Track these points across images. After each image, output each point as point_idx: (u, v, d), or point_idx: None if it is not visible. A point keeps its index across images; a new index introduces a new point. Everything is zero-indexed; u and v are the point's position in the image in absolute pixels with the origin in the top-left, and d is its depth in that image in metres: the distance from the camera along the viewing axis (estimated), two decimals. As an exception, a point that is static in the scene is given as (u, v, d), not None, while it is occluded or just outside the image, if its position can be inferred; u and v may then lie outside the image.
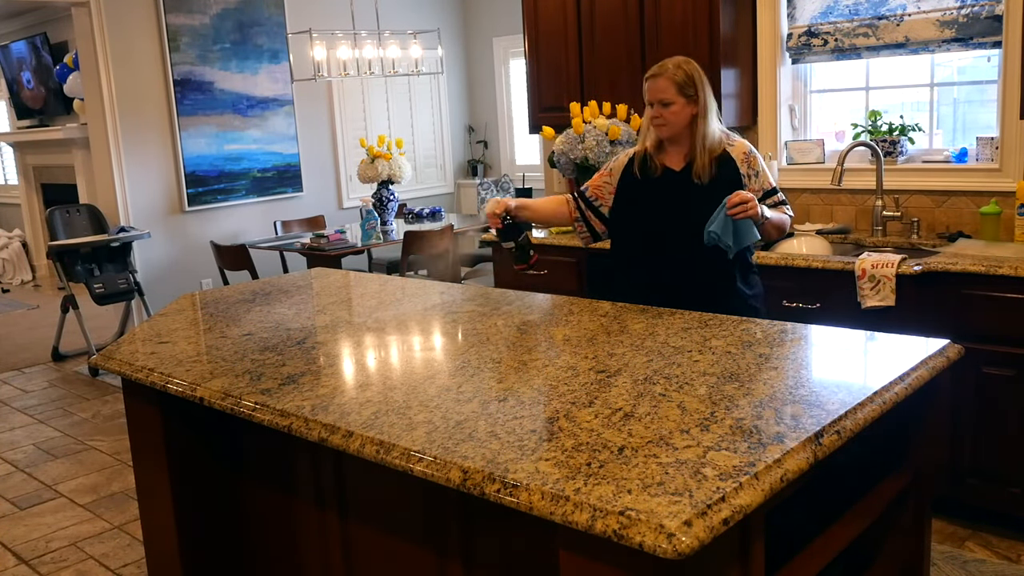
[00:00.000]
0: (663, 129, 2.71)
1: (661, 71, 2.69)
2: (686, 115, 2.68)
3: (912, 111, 3.92)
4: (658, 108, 2.69)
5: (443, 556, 1.99)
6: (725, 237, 2.53)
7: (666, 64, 2.70)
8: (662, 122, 2.70)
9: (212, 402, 2.02)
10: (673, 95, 2.67)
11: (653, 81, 2.70)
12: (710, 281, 2.69)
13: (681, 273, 2.70)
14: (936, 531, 3.06)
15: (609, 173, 2.87)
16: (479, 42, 8.60)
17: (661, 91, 2.67)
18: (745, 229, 2.54)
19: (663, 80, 2.68)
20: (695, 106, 2.68)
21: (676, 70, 2.68)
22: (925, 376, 1.90)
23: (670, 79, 2.67)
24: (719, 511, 1.30)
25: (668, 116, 2.68)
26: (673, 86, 2.67)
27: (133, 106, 6.43)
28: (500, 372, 2.01)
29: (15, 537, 3.57)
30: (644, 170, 2.78)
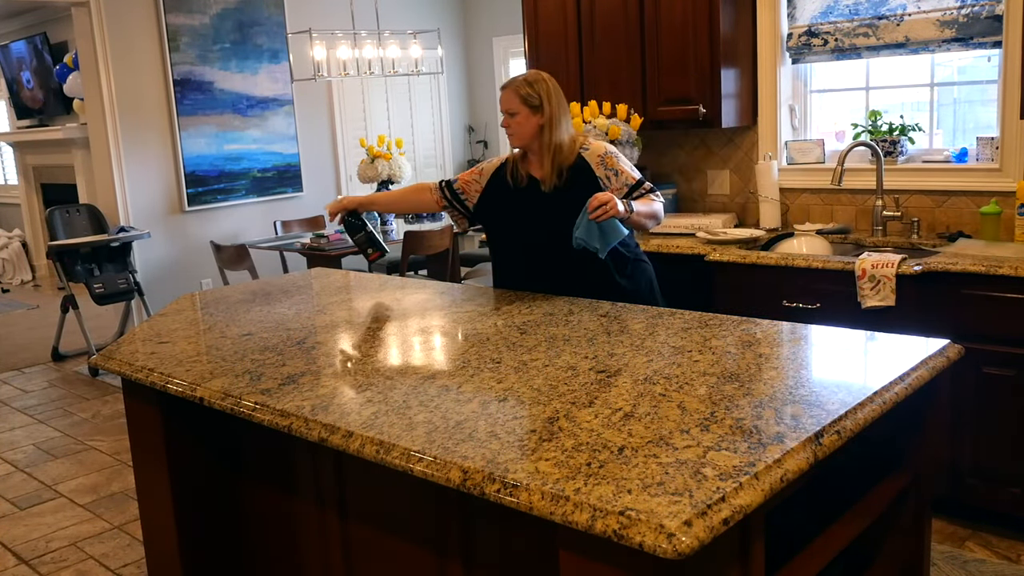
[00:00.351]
0: (512, 138, 2.85)
1: (509, 83, 2.84)
2: (532, 125, 2.79)
3: (912, 111, 3.92)
4: (505, 118, 2.84)
5: (443, 556, 1.99)
6: (592, 240, 2.65)
7: (517, 77, 2.84)
8: (511, 132, 2.84)
9: (212, 402, 2.02)
10: (517, 105, 2.79)
11: (502, 92, 2.85)
12: (585, 280, 2.80)
13: (555, 276, 2.82)
14: (936, 531, 3.06)
15: (480, 172, 3.00)
16: (479, 42, 8.60)
17: (506, 102, 2.82)
18: (610, 229, 2.65)
19: (508, 91, 2.82)
20: (540, 116, 2.79)
21: (522, 83, 2.81)
22: (925, 376, 1.90)
23: (514, 91, 2.80)
24: (719, 511, 1.30)
25: (515, 127, 2.82)
26: (516, 97, 2.79)
27: (133, 106, 6.43)
28: (500, 372, 2.01)
29: (15, 537, 3.57)
30: (514, 177, 2.91)
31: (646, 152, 4.26)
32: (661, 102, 4.02)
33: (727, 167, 4.19)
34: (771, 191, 3.93)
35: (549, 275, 2.83)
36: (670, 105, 3.99)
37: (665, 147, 4.37)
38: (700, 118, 3.88)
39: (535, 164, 2.88)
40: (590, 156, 2.83)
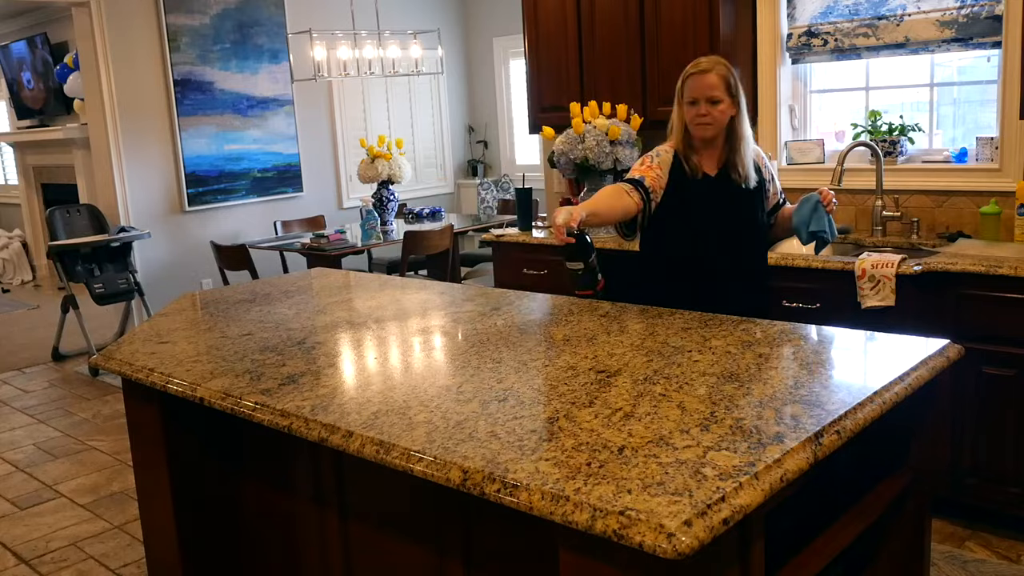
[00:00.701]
0: (708, 129, 2.59)
1: (710, 66, 2.56)
2: (728, 115, 2.59)
3: (912, 111, 3.92)
4: (705, 106, 2.56)
5: (443, 556, 1.99)
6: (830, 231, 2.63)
7: (708, 60, 2.59)
8: (708, 121, 2.57)
9: (212, 402, 2.02)
10: (722, 93, 2.55)
11: (700, 77, 2.55)
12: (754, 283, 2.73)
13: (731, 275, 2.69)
14: (936, 531, 3.06)
15: (659, 167, 2.68)
16: (479, 42, 8.60)
17: (711, 87, 2.54)
18: (832, 222, 2.66)
19: (712, 76, 2.54)
20: (736, 107, 2.60)
21: (723, 67, 2.57)
22: (925, 376, 1.90)
23: (720, 76, 2.55)
24: (719, 511, 1.30)
25: (716, 115, 2.57)
26: (723, 83, 2.55)
27: (133, 106, 6.43)
28: (500, 372, 2.01)
29: (15, 537, 3.57)
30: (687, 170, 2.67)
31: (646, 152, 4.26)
32: (661, 102, 4.01)
33: (727, 167, 4.19)
34: (771, 191, 3.93)
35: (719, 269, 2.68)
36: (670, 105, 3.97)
37: (665, 147, 4.36)
38: (700, 118, 3.87)
39: (706, 158, 2.67)
40: (756, 157, 2.71)
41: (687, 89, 2.59)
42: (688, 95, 2.59)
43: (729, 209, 2.67)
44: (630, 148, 3.89)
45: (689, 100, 2.59)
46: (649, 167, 2.68)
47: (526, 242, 4.18)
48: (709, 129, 2.59)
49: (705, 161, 2.67)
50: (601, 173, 3.96)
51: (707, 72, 2.55)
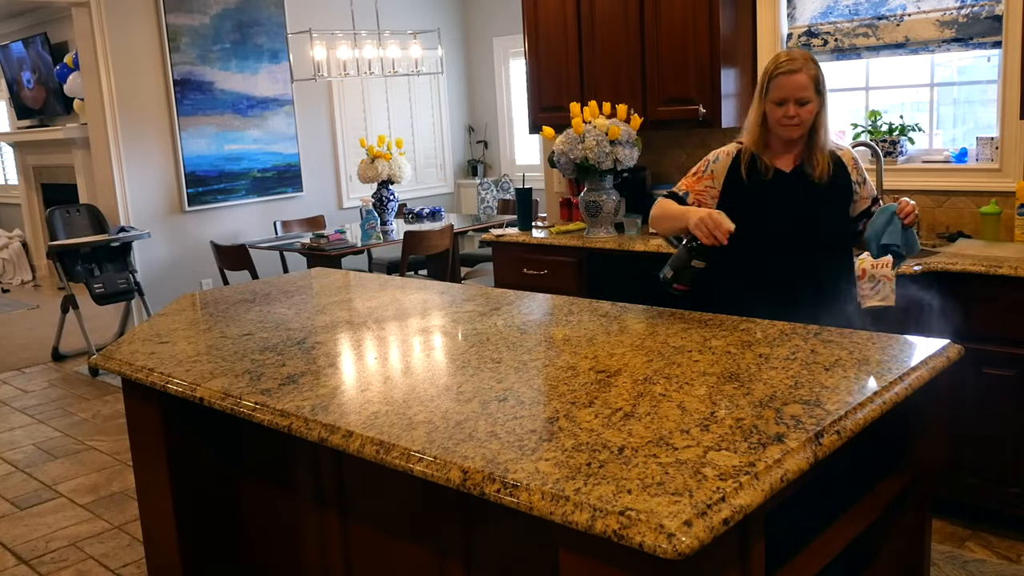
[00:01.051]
0: (796, 130, 2.46)
1: (800, 65, 2.42)
2: (814, 113, 2.46)
3: (912, 111, 3.92)
4: (794, 107, 2.43)
5: (443, 556, 1.99)
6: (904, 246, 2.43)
7: (796, 58, 2.44)
8: (797, 122, 2.44)
9: (212, 402, 2.02)
10: (812, 93, 2.43)
11: (789, 77, 2.42)
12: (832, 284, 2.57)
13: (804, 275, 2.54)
14: (936, 531, 3.06)
15: (711, 176, 2.60)
16: (479, 42, 8.60)
17: (801, 88, 2.41)
18: (913, 236, 2.46)
19: (803, 76, 2.41)
20: (821, 102, 2.47)
21: (812, 64, 2.44)
22: (925, 376, 1.90)
23: (809, 75, 2.42)
24: (719, 511, 1.30)
25: (804, 116, 2.44)
26: (812, 83, 2.42)
27: (133, 106, 6.43)
28: (500, 372, 2.01)
29: (15, 537, 3.57)
30: (752, 172, 2.54)
31: (646, 152, 4.26)
32: (661, 102, 4.02)
33: (727, 167, 4.19)
34: (771, 191, 3.93)
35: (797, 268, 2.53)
36: (670, 105, 3.99)
37: (665, 147, 4.37)
38: (700, 118, 3.88)
39: (783, 156, 2.54)
40: (845, 156, 2.57)
41: (774, 88, 2.45)
42: (775, 94, 2.45)
43: (804, 205, 2.52)
44: (630, 148, 3.89)
45: (776, 100, 2.45)
46: (699, 178, 2.62)
47: (526, 242, 4.18)
48: (796, 130, 2.47)
49: (781, 158, 2.56)
50: (601, 173, 3.96)
51: (797, 72, 2.41)
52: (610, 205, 4.02)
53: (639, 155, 3.97)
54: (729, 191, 2.57)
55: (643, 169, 4.34)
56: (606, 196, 4.01)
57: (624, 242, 3.87)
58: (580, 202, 4.08)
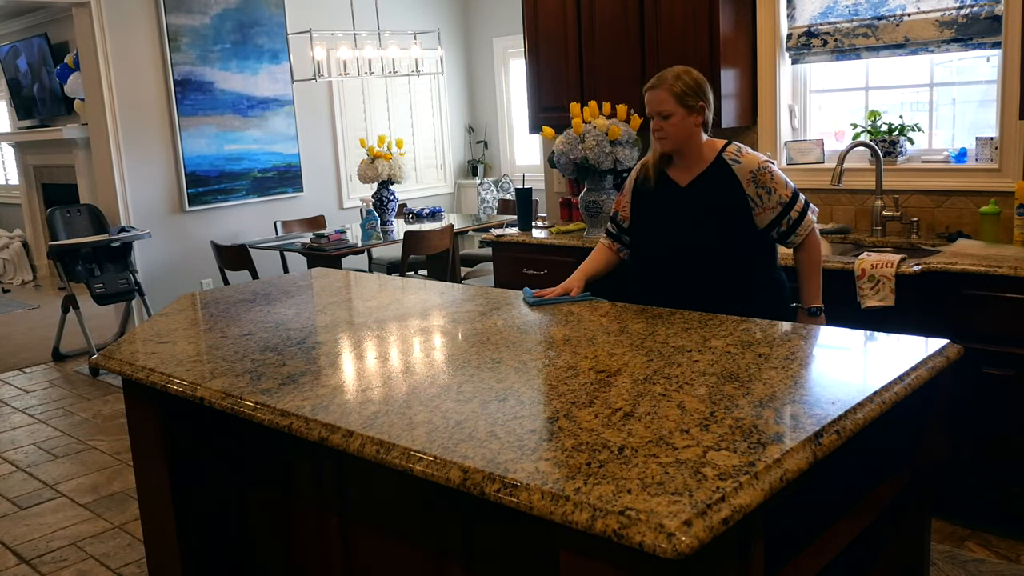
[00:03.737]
0: (664, 143, 2.66)
1: (659, 82, 2.64)
2: (685, 127, 2.62)
3: (912, 111, 3.92)
4: (658, 121, 2.64)
5: (443, 556, 1.99)
6: None
7: (664, 74, 2.65)
8: (663, 135, 2.64)
9: (212, 402, 2.02)
10: (673, 107, 2.61)
11: (650, 93, 2.65)
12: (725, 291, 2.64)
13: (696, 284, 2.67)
14: (936, 531, 3.06)
15: (626, 190, 2.84)
16: (479, 42, 8.60)
17: (660, 103, 2.62)
18: None
19: (662, 92, 2.62)
20: (700, 116, 2.63)
21: (675, 81, 2.62)
22: (925, 376, 1.91)
23: (669, 91, 2.61)
24: (719, 511, 1.30)
25: (669, 129, 2.63)
26: (672, 97, 2.61)
27: (133, 106, 6.43)
28: (500, 372, 2.01)
29: (16, 536, 3.57)
30: (647, 184, 2.75)
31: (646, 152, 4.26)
32: (661, 102, 4.01)
33: (727, 167, 4.19)
34: (771, 191, 3.93)
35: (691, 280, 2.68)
36: (670, 105, 3.98)
37: (665, 147, 4.36)
38: (700, 118, 3.88)
39: (680, 169, 2.71)
40: (741, 171, 2.63)
41: (646, 103, 2.68)
42: (647, 109, 2.68)
43: (692, 218, 2.66)
44: (630, 148, 3.89)
45: (647, 114, 2.68)
46: (621, 195, 2.87)
47: (526, 242, 4.18)
48: (666, 143, 2.65)
49: (678, 171, 2.71)
50: (601, 173, 3.96)
51: (655, 88, 2.63)
52: (610, 205, 4.02)
53: (639, 155, 3.97)
54: (634, 204, 2.80)
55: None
56: (606, 196, 4.01)
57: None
58: (580, 202, 4.08)
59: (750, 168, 2.64)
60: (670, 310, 2.48)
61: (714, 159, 2.67)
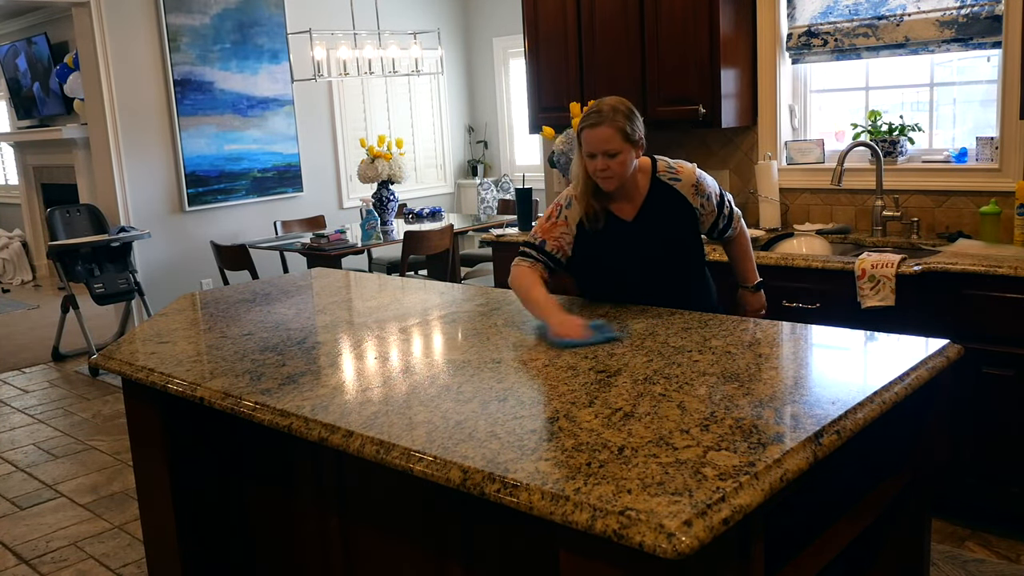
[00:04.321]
0: (610, 182, 2.46)
1: (600, 119, 2.40)
2: (630, 161, 2.45)
3: (912, 111, 3.92)
4: (603, 160, 2.41)
5: (443, 556, 1.99)
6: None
7: (602, 109, 2.41)
8: (609, 175, 2.43)
9: (212, 402, 2.02)
10: (619, 144, 2.39)
11: (592, 131, 2.40)
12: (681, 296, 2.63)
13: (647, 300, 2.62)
14: (936, 531, 3.06)
15: (564, 223, 2.59)
16: (479, 42, 8.60)
17: (605, 141, 2.39)
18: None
19: (606, 129, 2.38)
20: (637, 149, 2.47)
21: (616, 115, 2.39)
22: (925, 376, 1.90)
23: (614, 127, 2.38)
24: (719, 511, 1.30)
25: (616, 167, 2.42)
26: (618, 134, 2.39)
27: (133, 106, 6.43)
28: (500, 372, 2.01)
29: (15, 537, 3.57)
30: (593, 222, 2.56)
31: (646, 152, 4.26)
32: (661, 102, 4.01)
33: (727, 167, 4.19)
34: (771, 191, 3.93)
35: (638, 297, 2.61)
36: (670, 105, 3.99)
37: (665, 147, 4.36)
38: (700, 118, 3.88)
39: (622, 202, 2.56)
40: (684, 187, 2.56)
41: (584, 141, 2.45)
42: (585, 148, 2.45)
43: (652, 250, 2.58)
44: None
45: (587, 153, 2.45)
46: (553, 224, 2.60)
47: (526, 242, 4.18)
48: (612, 182, 2.46)
49: (620, 205, 2.56)
50: (601, 173, 3.96)
51: (600, 125, 2.39)
52: (610, 205, 4.02)
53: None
54: (580, 237, 2.58)
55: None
56: (606, 196, 4.01)
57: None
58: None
59: (690, 182, 2.57)
60: (670, 310, 2.48)
61: (650, 184, 2.55)
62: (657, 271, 2.62)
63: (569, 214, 2.58)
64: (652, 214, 2.56)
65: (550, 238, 2.59)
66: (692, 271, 2.72)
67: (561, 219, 2.59)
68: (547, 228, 2.60)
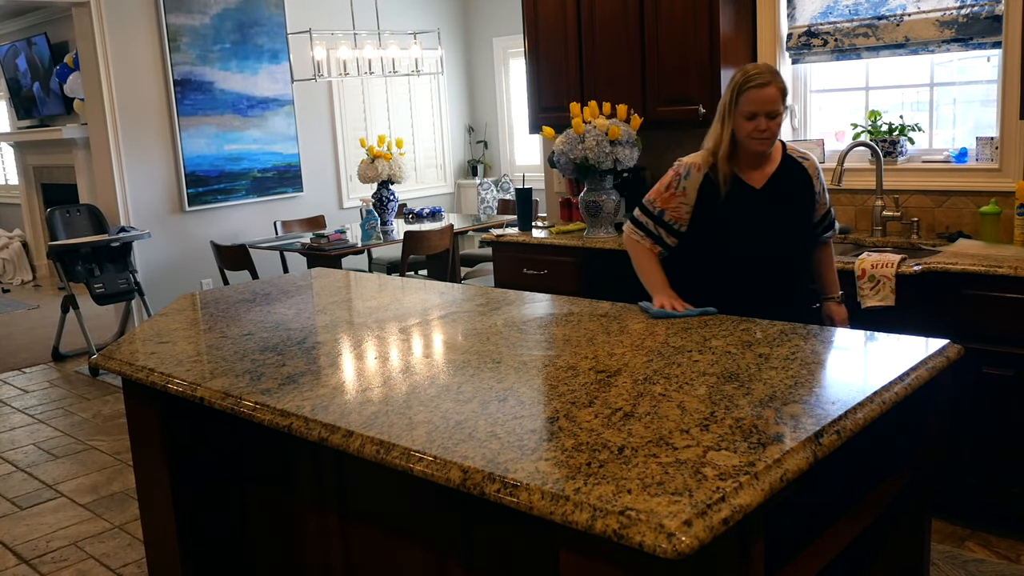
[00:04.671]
0: (766, 143, 2.48)
1: (770, 78, 2.42)
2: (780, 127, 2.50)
3: (912, 111, 3.92)
4: (764, 121, 2.43)
5: (443, 556, 1.99)
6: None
7: (763, 70, 2.43)
8: (769, 135, 2.45)
9: (212, 402, 2.02)
10: (781, 105, 2.44)
11: (760, 90, 2.41)
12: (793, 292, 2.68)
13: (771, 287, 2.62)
14: (936, 531, 3.06)
15: (683, 193, 2.58)
16: (479, 42, 8.60)
17: (772, 101, 2.41)
18: None
19: (773, 89, 2.41)
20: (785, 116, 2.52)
21: (778, 77, 2.44)
22: (925, 376, 1.90)
23: (779, 88, 2.42)
24: (719, 511, 1.30)
25: (775, 129, 2.46)
26: (782, 96, 2.43)
27: (133, 106, 6.43)
28: (500, 372, 2.01)
29: (16, 537, 3.57)
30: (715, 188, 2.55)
31: (646, 152, 4.26)
32: (661, 102, 4.02)
33: (727, 167, 4.19)
34: (771, 191, 3.93)
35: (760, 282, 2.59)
36: (670, 105, 3.99)
37: (665, 147, 4.37)
38: (700, 118, 3.88)
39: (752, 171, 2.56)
40: (810, 167, 2.62)
41: (745, 101, 2.44)
42: (745, 108, 2.44)
43: (776, 223, 2.58)
44: (630, 148, 3.89)
45: (746, 114, 2.45)
46: (672, 194, 2.61)
47: (526, 242, 4.18)
48: (767, 143, 2.48)
49: (752, 173, 2.57)
50: (601, 173, 3.96)
51: (767, 85, 2.41)
52: (610, 205, 4.02)
53: (639, 155, 3.97)
54: (701, 207, 2.58)
55: (643, 169, 4.34)
56: (606, 196, 4.01)
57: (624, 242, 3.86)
58: (580, 202, 4.08)
59: (814, 166, 2.64)
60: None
61: (782, 158, 2.59)
62: (776, 246, 2.59)
63: (688, 184, 2.58)
64: (780, 185, 2.58)
65: (668, 208, 2.61)
66: (804, 257, 2.71)
67: (680, 189, 2.59)
68: (666, 198, 2.62)
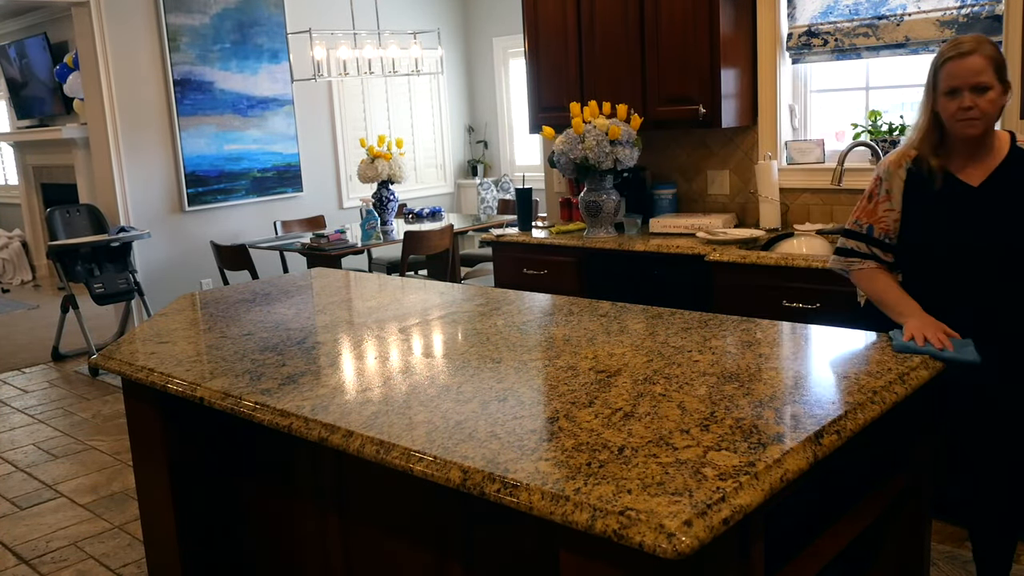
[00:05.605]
0: (976, 124, 2.07)
1: (974, 46, 2.04)
2: (999, 106, 2.07)
3: (912, 111, 3.92)
4: (969, 96, 2.04)
5: (443, 556, 1.99)
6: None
7: (965, 40, 2.06)
8: (976, 115, 2.05)
9: (212, 402, 2.02)
10: (991, 77, 2.03)
11: (961, 61, 2.04)
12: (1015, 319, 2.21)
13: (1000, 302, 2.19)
14: (936, 531, 3.06)
15: (887, 198, 2.25)
16: (479, 42, 8.60)
17: (976, 72, 2.02)
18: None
19: (977, 58, 2.02)
20: (1006, 96, 2.08)
21: (985, 44, 2.04)
22: (925, 376, 1.90)
23: (987, 56, 2.02)
24: (719, 511, 1.30)
25: (985, 106, 2.04)
26: (990, 65, 2.03)
27: (133, 106, 6.43)
28: (500, 372, 2.01)
29: (15, 537, 3.57)
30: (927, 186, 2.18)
31: (646, 152, 4.26)
32: (661, 102, 4.02)
33: (727, 167, 4.19)
34: (771, 191, 3.93)
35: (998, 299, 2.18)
36: (670, 105, 3.99)
37: (665, 147, 4.37)
38: (700, 118, 3.88)
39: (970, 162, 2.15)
40: None
41: (944, 76, 2.08)
42: (945, 84, 2.08)
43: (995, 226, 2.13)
44: (630, 148, 3.89)
45: (947, 90, 2.08)
46: (876, 204, 2.26)
47: (526, 242, 4.18)
48: (976, 125, 2.07)
49: (968, 168, 2.16)
50: (601, 173, 3.96)
51: (970, 53, 2.03)
52: (610, 205, 4.02)
53: (639, 155, 3.97)
54: (909, 210, 2.22)
55: (643, 169, 4.34)
56: (606, 196, 4.01)
57: (624, 242, 3.87)
58: (580, 202, 4.08)
59: None
60: (670, 310, 2.48)
61: (1009, 150, 2.15)
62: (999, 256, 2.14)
63: (892, 188, 2.23)
64: (1004, 184, 2.13)
65: (876, 221, 2.25)
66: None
67: (883, 195, 2.25)
68: (870, 210, 2.27)
